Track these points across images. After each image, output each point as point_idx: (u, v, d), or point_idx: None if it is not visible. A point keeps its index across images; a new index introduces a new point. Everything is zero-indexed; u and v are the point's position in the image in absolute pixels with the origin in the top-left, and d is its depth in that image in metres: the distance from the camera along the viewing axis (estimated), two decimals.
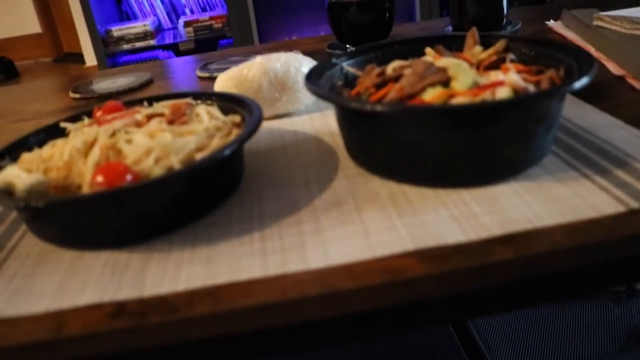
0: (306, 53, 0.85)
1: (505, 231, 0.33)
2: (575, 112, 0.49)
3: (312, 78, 0.44)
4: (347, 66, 0.49)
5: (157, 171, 0.36)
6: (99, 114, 0.47)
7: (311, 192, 0.41)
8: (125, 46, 2.19)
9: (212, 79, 0.77)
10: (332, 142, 0.49)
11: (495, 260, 0.31)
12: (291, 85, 0.55)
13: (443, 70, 0.40)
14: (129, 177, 0.35)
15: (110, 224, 0.36)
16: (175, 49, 2.37)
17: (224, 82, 0.55)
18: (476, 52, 0.49)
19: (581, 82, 0.36)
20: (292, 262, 0.33)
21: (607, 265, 0.33)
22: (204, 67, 0.80)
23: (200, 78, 0.78)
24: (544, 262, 0.32)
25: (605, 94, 0.55)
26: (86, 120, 0.46)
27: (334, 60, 0.48)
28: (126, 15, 2.48)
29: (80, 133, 0.41)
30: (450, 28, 0.86)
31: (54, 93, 0.84)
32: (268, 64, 0.54)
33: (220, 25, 2.21)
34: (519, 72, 0.43)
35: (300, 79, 0.55)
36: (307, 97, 0.56)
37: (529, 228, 0.33)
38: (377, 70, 0.44)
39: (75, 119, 0.48)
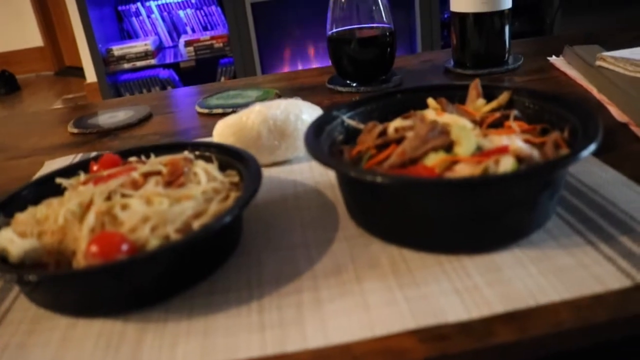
0: (306, 88, 0.85)
1: (508, 308, 0.33)
2: (579, 165, 0.48)
3: (312, 135, 0.43)
4: (348, 119, 0.48)
5: (154, 242, 0.35)
6: (95, 168, 0.46)
7: (311, 255, 0.40)
8: (126, 65, 2.19)
9: (211, 115, 0.76)
10: (332, 195, 0.49)
11: (496, 342, 0.31)
12: (291, 133, 0.54)
13: (446, 133, 0.39)
14: (124, 248, 0.35)
15: (104, 295, 0.36)
16: (176, 68, 2.37)
17: (223, 130, 0.54)
18: (479, 104, 0.48)
19: (588, 151, 0.35)
20: (291, 340, 0.32)
21: (613, 345, 0.32)
22: (203, 102, 0.80)
23: (200, 114, 0.78)
24: (547, 344, 0.31)
25: (608, 143, 0.54)
26: (82, 176, 0.45)
27: (334, 112, 0.48)
28: (127, 34, 2.49)
29: (75, 194, 0.40)
30: (451, 62, 0.85)
31: (52, 126, 0.83)
32: (267, 112, 0.53)
33: (221, 44, 2.21)
34: (522, 131, 0.42)
35: (300, 126, 0.54)
36: None
37: (532, 305, 0.33)
38: (379, 128, 0.43)
39: (71, 172, 0.47)
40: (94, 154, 0.67)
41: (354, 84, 0.79)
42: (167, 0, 2.45)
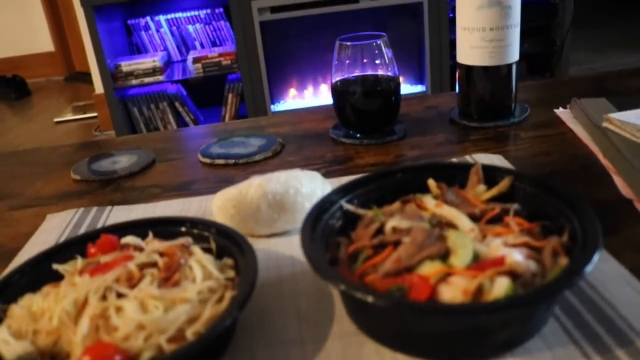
0: (310, 136, 0.84)
1: None
2: None
3: (309, 228, 0.43)
4: (347, 203, 0.48)
5: (147, 353, 0.35)
6: (92, 250, 0.47)
7: (305, 353, 0.40)
8: (134, 81, 2.20)
9: (214, 165, 0.76)
10: None
11: None
12: (290, 207, 0.54)
13: (442, 239, 0.39)
14: (117, 359, 0.35)
15: None
16: (184, 82, 2.38)
17: (223, 203, 0.54)
18: (480, 191, 0.48)
19: (588, 268, 0.35)
20: None
21: None
22: (205, 150, 0.80)
23: (202, 163, 0.78)
24: None
25: (611, 223, 0.53)
26: (79, 261, 0.45)
27: (333, 197, 0.48)
28: (136, 47, 2.49)
29: (71, 290, 0.40)
30: (457, 111, 0.85)
31: (57, 168, 0.83)
32: (267, 186, 0.53)
33: (229, 62, 2.22)
34: (521, 230, 0.42)
35: (299, 200, 0.54)
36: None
37: None
38: (376, 225, 0.43)
39: (68, 251, 0.47)
40: (94, 209, 0.67)
41: (358, 135, 0.78)
42: (177, 15, 2.46)
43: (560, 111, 0.84)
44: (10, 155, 0.97)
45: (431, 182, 0.49)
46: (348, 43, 0.75)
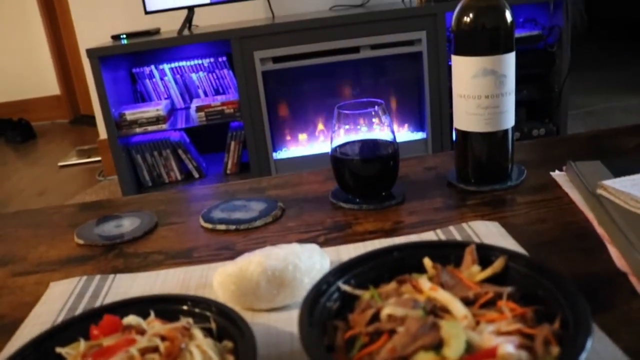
0: (310, 200, 0.86)
1: None
2: None
3: (306, 313, 0.44)
4: (344, 284, 0.49)
5: None
6: (95, 332, 0.47)
7: None
8: (138, 129, 2.23)
9: (215, 231, 0.78)
10: None
11: None
12: (289, 282, 0.55)
13: (436, 328, 0.40)
14: None
15: None
16: (187, 129, 2.41)
17: (223, 279, 0.55)
18: (474, 271, 0.49)
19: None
20: None
21: None
22: (207, 215, 0.81)
23: (204, 229, 0.79)
24: None
25: (605, 298, 0.54)
26: (82, 344, 0.46)
27: (330, 278, 0.49)
28: (141, 95, 2.54)
29: None
30: (454, 173, 0.86)
31: (60, 232, 0.85)
32: (266, 262, 0.55)
33: (232, 110, 2.25)
34: (514, 316, 0.43)
35: (298, 276, 0.56)
36: (304, 291, 0.56)
37: None
38: (372, 311, 0.44)
39: (71, 331, 0.48)
40: (97, 277, 0.68)
41: (357, 200, 0.80)
42: (180, 63, 2.51)
43: (556, 174, 0.85)
44: (15, 215, 0.98)
45: (427, 262, 0.50)
46: (347, 112, 0.77)
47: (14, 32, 4.66)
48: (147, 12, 2.26)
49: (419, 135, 2.39)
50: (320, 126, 2.38)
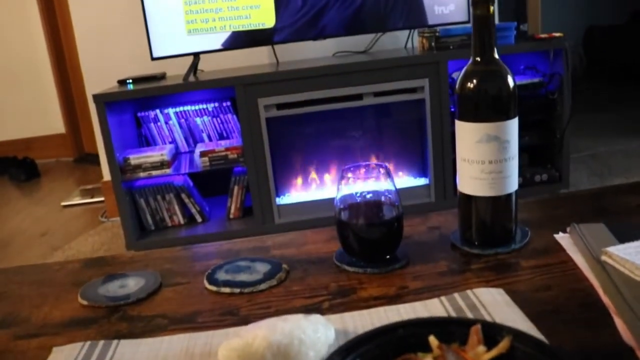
0: (314, 261, 0.86)
1: None
2: None
3: None
4: None
5: None
6: None
7: None
8: (142, 174, 2.24)
9: (220, 293, 0.78)
10: None
11: None
12: (294, 356, 0.55)
13: None
14: None
15: None
16: (191, 174, 2.43)
17: (228, 353, 0.55)
18: (480, 351, 0.49)
19: None
20: None
21: None
22: (211, 276, 0.81)
23: (209, 291, 0.79)
24: None
25: None
26: None
27: (335, 358, 0.48)
28: (145, 139, 2.56)
29: None
30: (458, 234, 0.86)
31: (64, 291, 0.85)
32: (272, 337, 0.55)
33: (236, 155, 2.27)
34: None
35: (304, 349, 0.55)
36: None
37: None
38: None
39: None
40: (101, 343, 0.68)
41: (361, 263, 0.80)
42: (185, 108, 2.53)
43: (560, 236, 0.85)
44: (19, 270, 0.98)
45: (432, 340, 0.50)
46: (351, 175, 0.78)
47: (23, 71, 4.73)
48: (153, 58, 2.29)
49: (422, 181, 2.40)
50: (327, 176, 2.40)
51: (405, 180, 2.42)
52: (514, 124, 0.79)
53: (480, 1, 0.77)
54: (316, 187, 2.39)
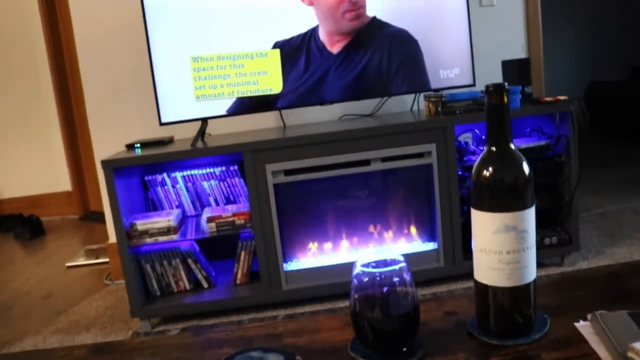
0: (328, 350, 0.83)
1: None
2: None
3: None
4: None
5: None
6: None
7: None
8: (148, 240, 2.23)
9: None
10: None
11: None
12: None
13: None
14: None
15: None
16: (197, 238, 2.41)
17: None
18: None
19: None
20: None
21: None
22: None
23: None
24: None
25: None
26: None
27: None
28: (152, 203, 2.55)
29: None
30: (475, 321, 0.84)
31: None
32: None
33: (243, 221, 2.25)
34: None
35: None
36: None
37: None
38: None
39: None
40: None
41: (377, 355, 0.77)
42: (192, 172, 2.54)
43: (580, 325, 0.83)
44: (26, 357, 0.96)
45: None
46: (367, 269, 0.76)
47: (33, 130, 4.80)
48: (161, 124, 2.31)
49: (431, 246, 2.38)
50: (335, 242, 2.38)
51: (413, 245, 2.39)
52: (531, 213, 0.78)
53: (494, 91, 0.77)
54: (324, 253, 2.37)
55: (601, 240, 2.78)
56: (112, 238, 2.93)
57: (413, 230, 2.41)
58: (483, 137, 2.49)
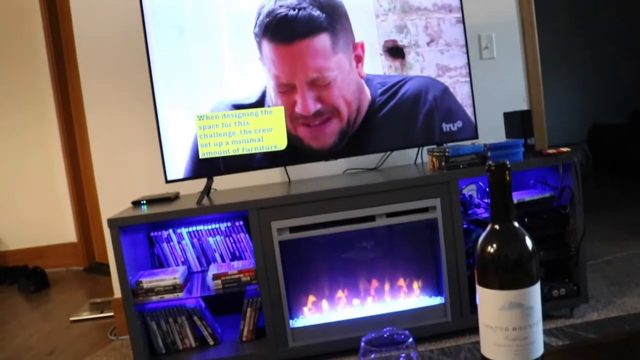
0: None
1: None
2: None
3: None
4: None
5: None
6: None
7: None
8: (154, 297, 2.22)
9: None
10: None
11: None
12: None
13: None
14: None
15: None
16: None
17: None
18: None
19: None
20: None
21: None
22: None
23: None
24: None
25: None
26: None
27: None
28: (158, 259, 2.56)
29: None
30: None
31: None
32: None
33: (248, 278, 2.25)
34: None
35: None
36: None
37: None
38: None
39: None
40: None
41: None
42: (198, 227, 2.55)
43: None
44: None
45: None
46: (374, 348, 0.76)
47: (39, 183, 4.84)
48: (167, 181, 2.33)
49: (437, 300, 2.36)
50: (341, 298, 2.37)
51: (420, 299, 2.38)
52: (536, 290, 0.78)
53: (496, 169, 0.78)
54: (331, 309, 2.35)
55: (610, 290, 2.75)
56: (117, 293, 2.92)
57: (419, 284, 2.40)
58: (487, 189, 2.50)
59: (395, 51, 2.48)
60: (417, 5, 2.48)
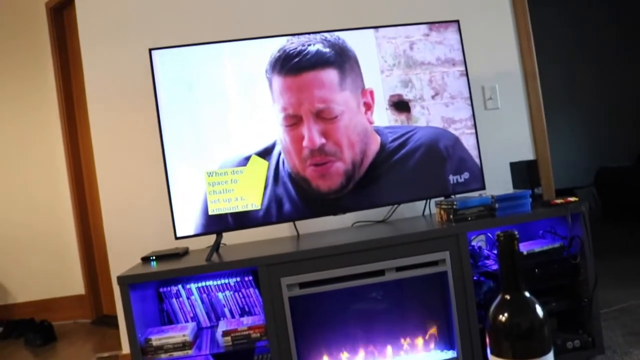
0: None
1: None
2: None
3: None
4: None
5: None
6: None
7: None
8: (163, 355, 2.21)
9: None
10: None
11: None
12: None
13: None
14: None
15: None
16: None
17: None
18: None
19: None
20: None
21: None
22: None
23: None
24: None
25: None
26: None
27: None
28: (167, 314, 2.55)
29: None
30: None
31: None
32: None
33: (258, 334, 2.24)
34: None
35: None
36: None
37: None
38: None
39: None
40: None
41: None
42: (207, 283, 2.55)
43: None
44: None
45: None
46: None
47: (48, 236, 4.86)
48: (177, 238, 2.34)
49: (450, 354, 2.33)
50: (351, 353, 2.35)
51: (432, 354, 2.35)
52: (549, 359, 0.78)
53: (504, 240, 0.79)
54: None
55: (627, 340, 2.71)
56: (126, 348, 2.90)
57: (431, 338, 2.37)
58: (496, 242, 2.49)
59: (400, 105, 2.52)
60: (421, 60, 2.53)
